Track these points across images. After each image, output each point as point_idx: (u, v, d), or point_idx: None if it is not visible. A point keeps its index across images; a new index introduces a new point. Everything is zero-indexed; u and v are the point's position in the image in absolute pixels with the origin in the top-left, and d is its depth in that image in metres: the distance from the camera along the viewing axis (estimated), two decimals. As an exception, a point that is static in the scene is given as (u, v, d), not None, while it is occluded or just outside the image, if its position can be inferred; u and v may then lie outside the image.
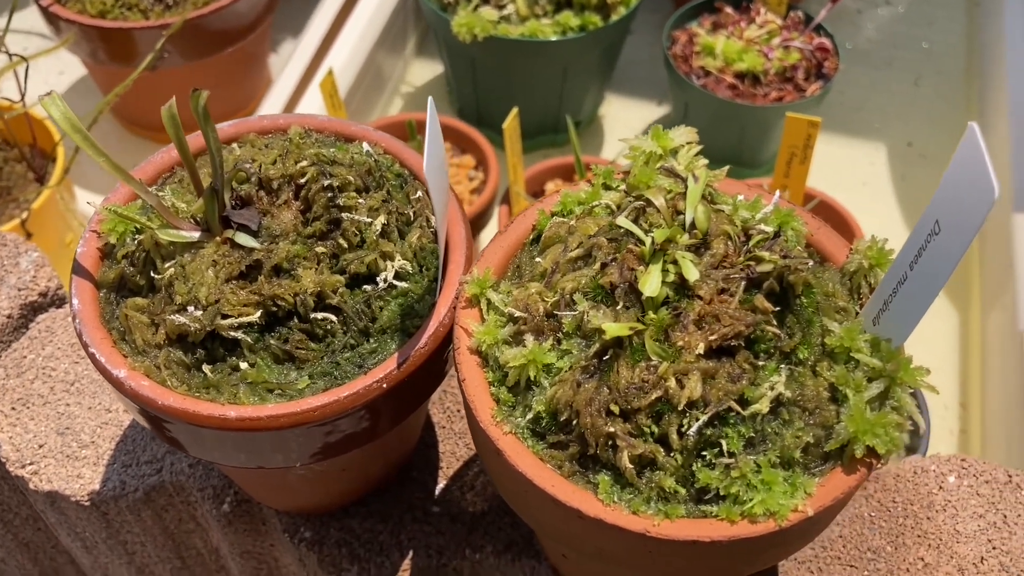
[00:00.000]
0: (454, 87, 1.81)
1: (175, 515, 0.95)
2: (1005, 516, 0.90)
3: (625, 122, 1.89)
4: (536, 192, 1.58)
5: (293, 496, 0.87)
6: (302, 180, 0.74)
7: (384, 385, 0.69)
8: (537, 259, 0.72)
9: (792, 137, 1.47)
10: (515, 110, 1.43)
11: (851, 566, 0.88)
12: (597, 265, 0.67)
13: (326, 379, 0.70)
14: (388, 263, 0.74)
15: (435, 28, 1.69)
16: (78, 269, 0.74)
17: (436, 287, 0.75)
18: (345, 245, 0.73)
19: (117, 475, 0.91)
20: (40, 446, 0.93)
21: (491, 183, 1.53)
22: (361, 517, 0.89)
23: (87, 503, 0.91)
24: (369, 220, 0.74)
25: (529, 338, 0.67)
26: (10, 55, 1.40)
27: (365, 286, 0.73)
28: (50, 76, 1.96)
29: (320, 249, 0.72)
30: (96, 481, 0.91)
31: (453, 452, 0.94)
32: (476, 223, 1.52)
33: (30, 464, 0.92)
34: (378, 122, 1.62)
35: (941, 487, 0.92)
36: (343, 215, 0.73)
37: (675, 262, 0.65)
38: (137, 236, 0.74)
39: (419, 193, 0.79)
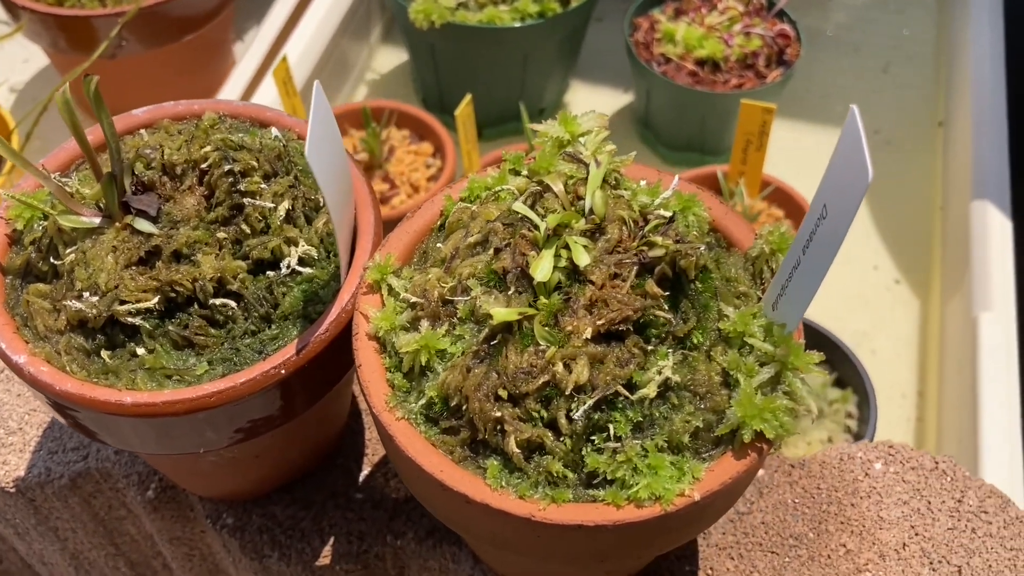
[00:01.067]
0: (417, 75, 1.81)
1: (104, 501, 0.95)
2: (929, 503, 0.90)
3: (590, 110, 1.88)
4: (493, 180, 1.58)
5: (211, 482, 0.88)
6: (205, 165, 0.74)
7: (283, 371, 0.69)
8: (439, 245, 0.71)
9: (747, 124, 1.47)
10: (468, 97, 1.43)
11: (772, 552, 0.88)
12: (491, 251, 0.66)
13: (225, 365, 0.70)
14: (292, 249, 0.74)
15: (396, 15, 1.69)
16: (-19, 258, 0.74)
17: (341, 274, 0.74)
18: (248, 231, 0.73)
19: (43, 462, 0.92)
20: (-33, 433, 0.93)
21: (447, 170, 1.53)
22: (284, 504, 0.89)
23: (12, 490, 0.91)
24: (272, 205, 0.74)
25: (425, 324, 0.67)
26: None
27: (268, 272, 0.73)
28: (15, 64, 1.96)
29: (222, 235, 0.72)
30: (22, 468, 0.91)
31: (380, 439, 0.94)
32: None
33: (-44, 451, 0.92)
34: (336, 109, 1.62)
35: (867, 474, 0.92)
36: (246, 200, 0.73)
37: (568, 247, 0.65)
38: (43, 222, 0.74)
39: None
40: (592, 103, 1.90)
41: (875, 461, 0.93)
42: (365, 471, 0.92)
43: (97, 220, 0.71)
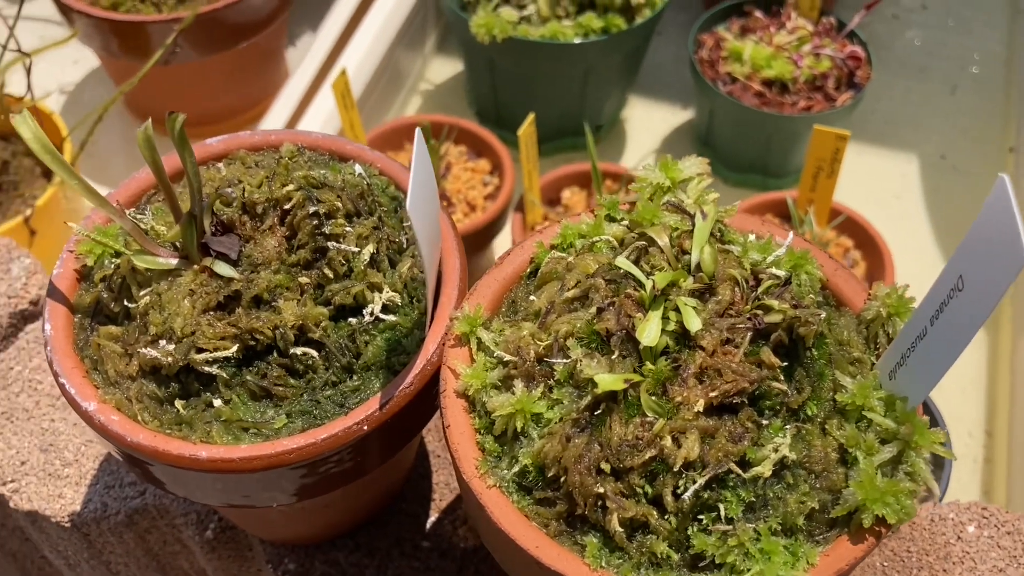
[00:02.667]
0: (472, 88, 1.77)
1: (159, 537, 0.92)
2: (1027, 571, 0.85)
3: (648, 127, 1.84)
4: (552, 199, 1.53)
5: (275, 528, 0.84)
6: (288, 205, 0.70)
7: (365, 427, 0.65)
8: (532, 297, 0.67)
9: (819, 150, 1.41)
10: (531, 116, 1.39)
11: (861, 620, 0.83)
12: (593, 309, 0.62)
13: (304, 418, 0.67)
14: (376, 295, 0.70)
15: (454, 27, 1.65)
16: (53, 292, 0.71)
17: (426, 321, 0.71)
18: (331, 275, 0.69)
19: (99, 497, 0.88)
20: (22, 463, 0.90)
21: (506, 189, 1.48)
22: (348, 550, 0.86)
23: (68, 524, 0.88)
24: (357, 249, 0.70)
25: (519, 384, 0.63)
26: (19, 50, 1.37)
27: (350, 319, 0.70)
28: (65, 66, 1.93)
29: (304, 279, 0.69)
30: (77, 502, 0.88)
31: (447, 483, 0.90)
32: (489, 230, 1.48)
33: (11, 481, 0.89)
34: (391, 124, 1.58)
35: (959, 537, 0.88)
36: (329, 244, 0.69)
37: (677, 309, 0.61)
38: (115, 259, 0.71)
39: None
40: (650, 120, 1.85)
41: (968, 524, 0.88)
42: (432, 517, 0.88)
43: (174, 261, 0.68)
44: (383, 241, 0.72)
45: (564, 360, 0.61)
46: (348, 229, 0.70)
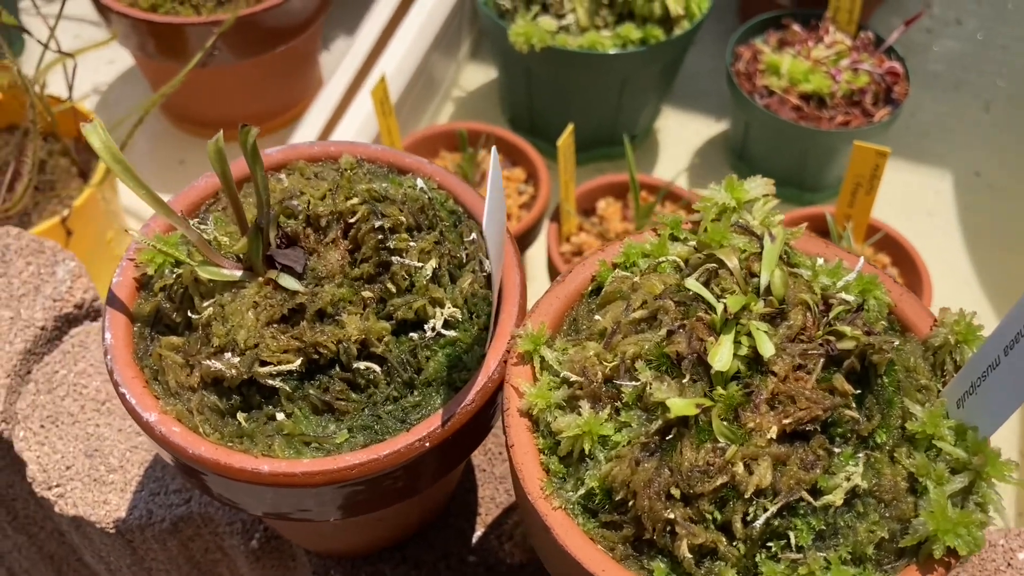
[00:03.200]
0: (507, 96, 1.76)
1: (201, 545, 0.92)
2: (1079, 601, 0.84)
3: (681, 138, 1.83)
4: (587, 210, 1.53)
5: (324, 540, 0.84)
6: (352, 219, 0.70)
7: (427, 444, 0.65)
8: (596, 316, 0.67)
9: (859, 167, 1.41)
10: (570, 127, 1.38)
11: (911, 646, 0.82)
12: (663, 331, 0.62)
13: (366, 433, 0.66)
14: (437, 310, 0.70)
15: (491, 35, 1.65)
16: (112, 300, 0.71)
17: (486, 337, 0.70)
18: (393, 289, 0.69)
19: (144, 503, 0.88)
20: (67, 468, 0.90)
21: (541, 199, 1.48)
22: (394, 563, 0.85)
23: (112, 530, 0.88)
24: (419, 264, 0.69)
25: (585, 405, 0.62)
26: (59, 50, 1.37)
27: (411, 334, 0.69)
28: (99, 65, 1.94)
29: (367, 293, 0.68)
30: (123, 508, 0.88)
31: (492, 497, 0.90)
32: (524, 239, 1.47)
33: (56, 486, 0.89)
34: (427, 131, 1.58)
35: (1009, 564, 0.87)
36: (393, 258, 0.69)
37: (748, 333, 0.60)
38: (176, 269, 0.70)
39: (473, 235, 0.75)
40: (683, 130, 1.84)
41: (1018, 551, 0.88)
42: (478, 532, 0.88)
43: (238, 273, 0.67)
44: (444, 256, 0.72)
45: (633, 383, 0.61)
46: (412, 244, 0.70)
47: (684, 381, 0.60)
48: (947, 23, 2.07)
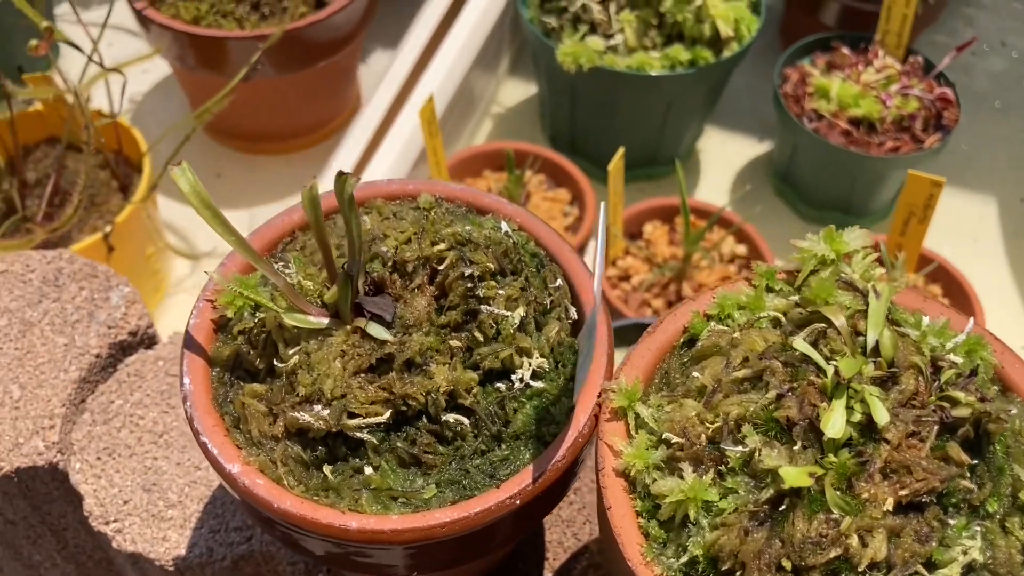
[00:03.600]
0: (549, 113, 1.74)
1: (260, 583, 0.90)
2: None
3: (724, 158, 1.81)
4: (633, 233, 1.51)
5: (394, 586, 0.82)
6: (439, 264, 0.68)
7: (518, 501, 0.63)
8: (695, 374, 0.65)
9: (913, 196, 1.38)
10: (621, 151, 1.36)
11: None
12: (771, 394, 0.60)
13: (454, 488, 0.64)
14: (525, 360, 0.68)
15: (536, 53, 1.63)
16: (190, 343, 0.69)
17: (572, 387, 0.68)
18: (480, 338, 0.67)
19: (204, 540, 0.86)
20: (125, 502, 0.88)
21: (588, 221, 1.46)
22: (461, 609, 0.84)
23: (172, 568, 0.86)
24: (508, 313, 0.67)
25: (687, 468, 0.60)
26: (101, 64, 1.36)
27: (498, 384, 0.67)
28: (134, 73, 1.91)
29: (455, 343, 0.66)
30: (182, 545, 0.86)
31: (560, 542, 0.88)
32: (570, 263, 1.45)
33: (114, 521, 0.87)
34: (471, 150, 1.56)
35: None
36: (482, 307, 0.67)
37: (861, 399, 0.58)
38: (257, 313, 0.68)
39: (558, 281, 0.73)
40: (725, 151, 1.82)
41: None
42: (546, 577, 0.86)
43: (325, 321, 0.66)
44: (531, 303, 0.70)
45: (740, 448, 0.59)
46: (500, 292, 0.68)
47: (795, 448, 0.58)
48: (992, 46, 2.05)
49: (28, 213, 1.41)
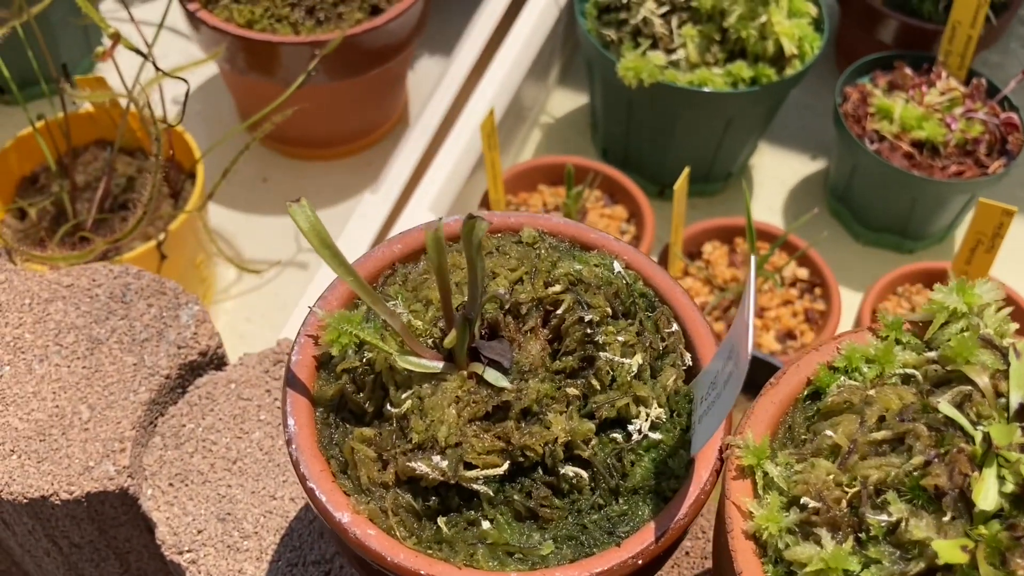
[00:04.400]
0: (601, 126, 1.71)
1: (335, 617, 0.88)
2: None
3: (776, 176, 1.78)
4: (691, 253, 1.48)
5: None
6: (553, 307, 0.65)
7: (640, 561, 0.60)
8: (827, 432, 0.62)
9: (981, 224, 1.35)
10: (687, 170, 1.33)
11: None
12: (917, 460, 0.57)
13: (571, 545, 0.62)
14: (642, 410, 0.65)
15: (592, 65, 1.60)
16: (292, 381, 0.66)
17: (688, 439, 0.65)
18: (597, 386, 0.64)
19: (282, 574, 0.84)
20: (199, 532, 0.86)
21: (646, 240, 1.43)
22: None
23: (247, 602, 0.84)
24: (625, 360, 0.65)
25: (824, 535, 0.58)
26: (158, 68, 1.33)
27: (613, 435, 0.65)
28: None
29: (572, 391, 0.64)
30: (259, 579, 0.84)
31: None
32: (627, 283, 1.43)
33: (188, 551, 0.85)
34: (527, 164, 1.54)
35: None
36: (600, 354, 0.64)
37: (1014, 469, 0.55)
38: (364, 352, 0.66)
39: (674, 326, 0.70)
40: (780, 168, 1.79)
41: None
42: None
43: (440, 365, 0.63)
44: (647, 350, 0.67)
45: (884, 517, 0.56)
46: (619, 339, 0.65)
47: (945, 520, 0.55)
48: (1047, 65, 2.01)
49: (80, 220, 1.39)
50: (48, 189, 1.46)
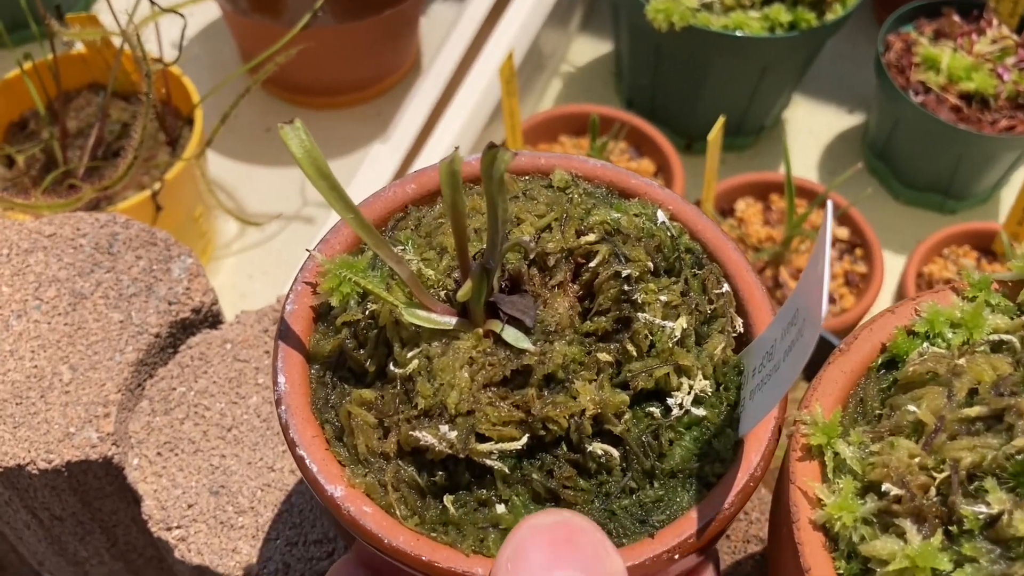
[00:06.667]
0: (627, 75, 1.61)
1: (336, 600, 0.80)
2: None
3: (811, 130, 1.68)
4: (724, 210, 1.39)
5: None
6: (586, 260, 0.56)
7: (676, 556, 0.52)
8: (909, 407, 0.53)
9: (1038, 182, 1.26)
10: (721, 120, 1.24)
11: None
12: (1020, 440, 0.48)
13: (599, 534, 0.53)
14: (684, 381, 0.56)
15: (619, 8, 1.50)
16: (285, 334, 0.58)
17: (737, 416, 0.57)
18: (633, 352, 0.55)
19: (280, 555, 0.76)
20: (189, 506, 0.78)
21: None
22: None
23: (241, 583, 0.76)
24: (668, 324, 0.56)
25: (908, 527, 0.49)
26: (156, 4, 1.24)
27: (649, 408, 0.56)
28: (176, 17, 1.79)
29: (604, 356, 0.55)
30: (255, 558, 0.76)
31: None
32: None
33: (177, 527, 0.77)
34: (547, 113, 1.44)
35: None
36: (638, 314, 0.55)
37: None
38: (368, 303, 0.57)
39: (724, 287, 0.61)
40: (813, 122, 1.69)
41: None
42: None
43: (452, 320, 0.54)
44: (692, 312, 0.58)
45: (982, 508, 0.48)
46: (661, 298, 0.56)
47: (1053, 511, 0.47)
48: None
49: (70, 167, 1.30)
50: (38, 135, 1.37)
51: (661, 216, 0.61)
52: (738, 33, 1.37)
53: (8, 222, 0.95)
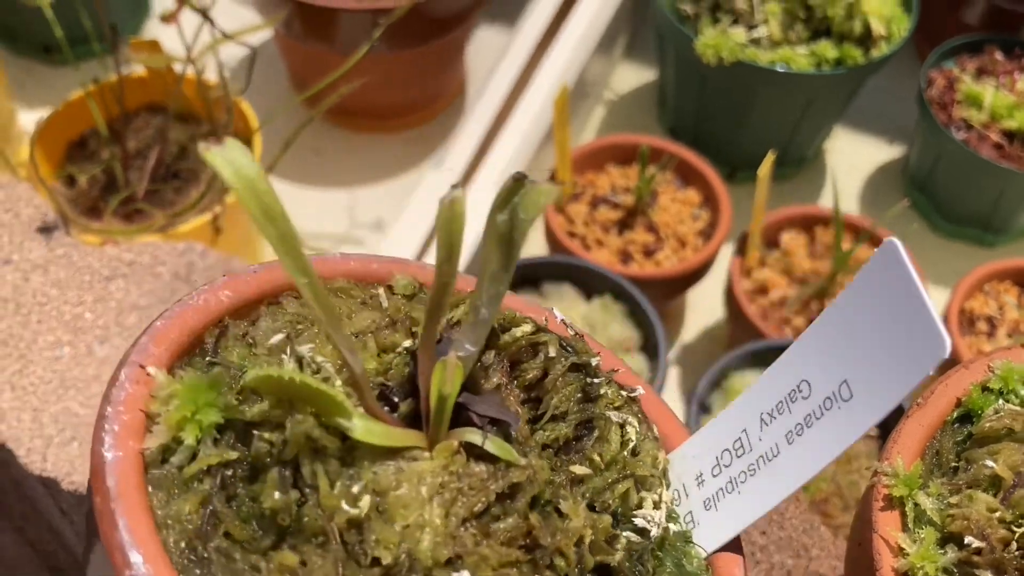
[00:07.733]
0: (671, 104, 1.63)
1: None
2: None
3: (852, 162, 1.68)
4: (768, 242, 1.41)
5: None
6: (519, 359, 0.49)
7: None
8: (987, 462, 0.56)
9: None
10: (771, 155, 1.26)
11: None
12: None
13: None
14: (646, 495, 0.48)
15: (666, 40, 1.50)
16: (120, 494, 0.40)
17: (686, 527, 0.50)
18: (601, 464, 0.47)
19: None
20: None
21: (722, 227, 1.35)
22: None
23: None
24: (628, 426, 0.49)
25: (987, 579, 0.52)
26: (223, 32, 1.28)
27: (625, 531, 0.47)
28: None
29: (578, 469, 0.47)
30: None
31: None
32: (700, 273, 1.35)
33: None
34: (596, 143, 1.44)
35: None
36: (610, 414, 0.49)
37: None
38: (224, 430, 0.42)
39: (639, 388, 0.55)
40: (855, 155, 1.68)
41: None
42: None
43: (414, 434, 0.44)
44: (636, 413, 0.51)
45: (1062, 563, 0.50)
46: (621, 393, 0.50)
47: None
48: None
49: (132, 189, 1.34)
50: (97, 154, 1.40)
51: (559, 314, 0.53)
52: (785, 69, 1.40)
53: (89, 248, 0.98)
